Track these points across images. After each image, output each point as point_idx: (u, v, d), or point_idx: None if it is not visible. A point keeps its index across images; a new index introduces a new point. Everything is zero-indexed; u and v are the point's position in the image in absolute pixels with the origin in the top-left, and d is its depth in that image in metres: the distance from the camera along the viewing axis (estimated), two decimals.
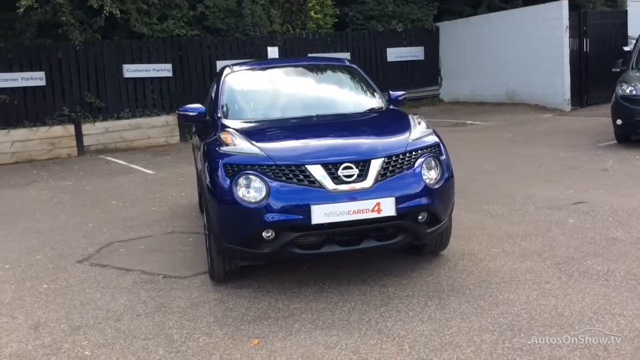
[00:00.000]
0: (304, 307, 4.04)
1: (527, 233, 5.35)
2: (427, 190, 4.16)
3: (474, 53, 18.68)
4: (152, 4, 15.78)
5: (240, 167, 4.10)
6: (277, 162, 4.05)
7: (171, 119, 15.66)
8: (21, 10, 12.36)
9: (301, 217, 3.92)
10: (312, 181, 3.99)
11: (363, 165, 4.06)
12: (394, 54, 19.67)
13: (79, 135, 14.39)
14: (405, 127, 4.53)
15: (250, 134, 4.49)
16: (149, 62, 15.90)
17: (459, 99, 19.79)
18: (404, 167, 4.17)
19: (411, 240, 4.32)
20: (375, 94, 5.49)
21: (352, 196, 3.97)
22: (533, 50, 16.41)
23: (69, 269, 5.22)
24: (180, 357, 3.44)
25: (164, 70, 16.03)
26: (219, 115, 5.11)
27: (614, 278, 4.17)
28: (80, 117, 14.77)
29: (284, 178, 4.01)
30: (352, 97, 5.56)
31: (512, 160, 9.20)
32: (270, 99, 5.45)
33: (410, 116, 4.78)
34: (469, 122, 15.16)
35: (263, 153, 4.13)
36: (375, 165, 4.07)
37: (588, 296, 3.90)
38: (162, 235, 6.17)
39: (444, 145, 4.57)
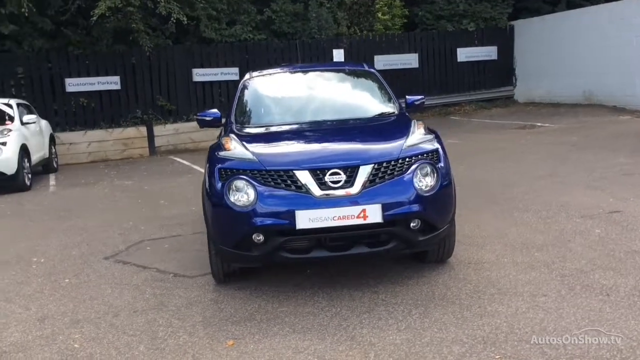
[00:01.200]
0: (291, 310, 4.10)
1: (546, 243, 5.13)
2: (418, 198, 4.09)
3: (550, 52, 17.98)
4: (221, 10, 16.29)
5: (233, 171, 4.21)
6: (267, 168, 4.13)
7: None
8: (94, 18, 13.14)
9: (287, 221, 3.97)
10: (300, 187, 4.03)
11: (351, 172, 4.06)
12: (465, 54, 19.27)
13: (150, 137, 15.12)
14: (403, 133, 4.47)
15: (250, 140, 4.59)
16: (217, 66, 16.43)
17: (534, 100, 19.11)
18: (395, 173, 4.13)
19: (404, 247, 4.26)
20: (389, 99, 5.45)
21: (338, 202, 3.98)
22: (612, 50, 15.61)
23: (94, 264, 5.53)
24: (157, 354, 3.58)
25: (231, 73, 16.50)
26: (231, 120, 5.26)
27: (617, 293, 3.94)
28: (152, 119, 15.49)
29: (272, 183, 4.08)
30: (364, 102, 5.54)
31: (566, 165, 8.79)
32: (281, 104, 5.54)
33: (413, 121, 4.71)
34: (538, 124, 14.59)
35: (255, 158, 4.22)
36: (364, 172, 4.06)
37: (581, 311, 3.71)
38: (190, 235, 6.39)
39: (444, 152, 4.48)
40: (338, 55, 17.70)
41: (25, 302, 4.63)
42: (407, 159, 4.20)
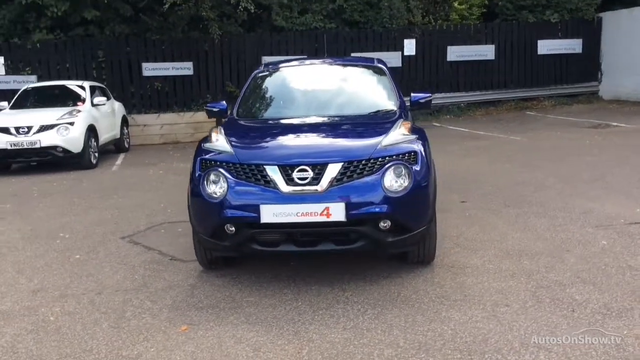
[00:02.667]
0: (256, 301, 4.22)
1: (542, 251, 4.95)
2: (386, 199, 4.08)
3: (639, 46, 16.88)
4: None
5: (211, 163, 4.38)
6: (241, 161, 4.26)
7: None
8: (166, 5, 13.73)
9: (254, 215, 4.09)
10: (268, 181, 4.13)
11: (320, 169, 4.10)
12: (546, 46, 18.43)
13: (218, 122, 15.61)
14: (384, 131, 4.45)
15: (235, 133, 4.74)
16: (287, 54, 16.65)
17: (620, 97, 18.02)
18: (365, 173, 4.13)
19: (373, 247, 4.26)
20: (392, 95, 5.41)
21: (303, 199, 4.05)
22: None
23: (109, 243, 5.89)
24: (115, 332, 3.82)
25: None
26: (233, 112, 5.43)
27: (583, 310, 3.76)
28: None
29: (244, 177, 4.21)
30: (362, 99, 5.52)
31: (619, 169, 8.28)
32: (281, 98, 5.65)
33: (398, 121, 4.67)
34: (613, 123, 13.79)
35: (232, 152, 4.36)
36: (332, 170, 4.09)
37: (534, 325, 3.59)
38: None
39: (425, 153, 4.41)
40: (409, 45, 17.49)
41: (31, 274, 5.04)
42: (379, 159, 4.19)
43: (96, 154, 11.69)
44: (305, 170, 4.10)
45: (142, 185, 9.24)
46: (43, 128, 10.87)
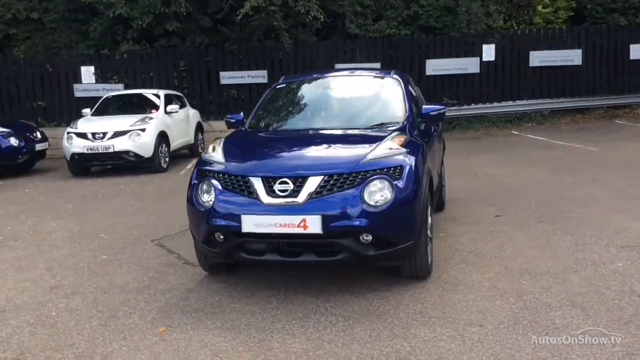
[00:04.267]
0: (240, 307, 4.34)
1: (547, 271, 4.73)
2: (365, 213, 4.07)
3: None
4: (368, 5, 16.57)
5: (206, 173, 4.57)
6: (229, 172, 4.42)
7: None
8: (239, 16, 14.25)
9: (236, 224, 4.23)
10: (251, 192, 4.26)
11: (301, 182, 4.17)
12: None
13: None
14: (370, 145, 4.44)
15: (234, 144, 4.90)
16: (359, 61, 16.75)
17: None
18: (345, 187, 4.14)
19: (355, 260, 4.27)
20: (400, 108, 5.35)
21: (282, 210, 4.13)
22: None
23: (138, 245, 6.25)
24: (101, 330, 4.06)
25: (373, 69, 16.71)
26: (246, 124, 5.61)
27: (556, 336, 3.57)
28: None
29: (231, 188, 4.36)
30: (368, 111, 5.49)
31: None
32: (289, 112, 5.75)
33: (390, 135, 4.63)
34: None
35: (224, 163, 4.53)
36: (312, 183, 4.15)
37: (497, 347, 3.45)
38: None
39: (414, 167, 4.34)
40: (488, 50, 17.05)
41: (57, 272, 5.45)
42: (361, 173, 4.19)
43: (167, 159, 12.33)
44: (286, 183, 4.18)
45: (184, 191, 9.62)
46: (117, 134, 11.62)
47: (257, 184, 4.24)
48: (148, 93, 13.45)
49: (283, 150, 4.76)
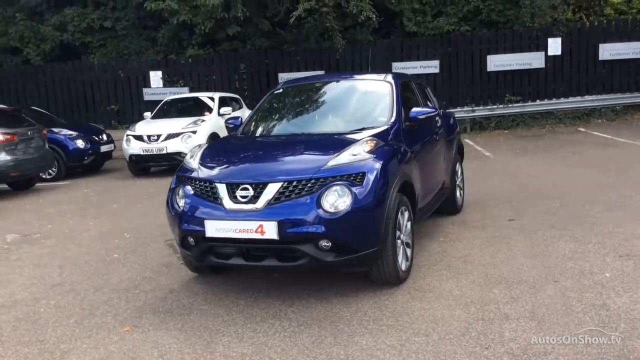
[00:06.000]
0: (207, 309, 4.47)
1: (526, 280, 4.55)
2: (322, 219, 4.10)
3: None
4: (427, 2, 16.32)
5: (182, 178, 4.76)
6: (199, 178, 4.58)
7: None
8: (292, 19, 14.46)
9: (201, 229, 4.38)
10: (216, 198, 4.39)
11: (261, 188, 4.25)
12: None
13: None
14: (336, 151, 4.45)
15: (214, 150, 5.04)
16: (417, 59, 16.54)
17: None
18: (304, 193, 4.18)
19: (317, 266, 4.30)
20: (386, 112, 5.30)
21: (242, 216, 4.24)
22: None
23: (151, 245, 6.54)
24: (75, 327, 4.30)
25: (431, 67, 16.48)
26: (240, 129, 5.75)
27: (499, 349, 3.46)
28: None
29: (200, 193, 4.51)
30: (352, 116, 5.45)
31: None
32: (277, 117, 5.82)
33: (360, 140, 4.61)
34: None
35: (197, 169, 4.69)
36: (271, 189, 4.22)
37: (431, 358, 3.42)
38: None
39: (379, 174, 4.30)
40: (554, 44, 16.33)
41: (66, 270, 5.81)
42: (320, 180, 4.21)
43: None
44: (247, 189, 4.28)
45: None
46: (170, 136, 12.16)
47: (222, 189, 4.37)
48: (203, 96, 13.93)
49: (252, 157, 4.85)
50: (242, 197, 4.28)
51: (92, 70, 17.49)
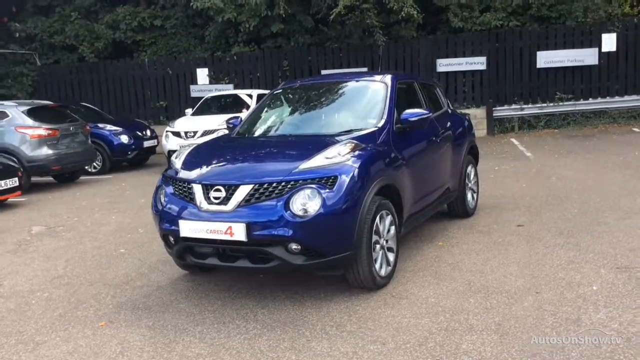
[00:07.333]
0: (183, 307, 4.51)
1: (508, 290, 4.37)
2: (290, 222, 4.07)
3: None
4: None
5: (167, 178, 4.83)
6: (179, 179, 4.63)
7: (479, 112, 15.78)
8: (332, 16, 14.41)
9: (177, 228, 4.44)
10: (192, 199, 4.44)
11: (233, 190, 4.26)
12: None
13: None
14: (310, 154, 4.39)
15: (201, 151, 5.08)
16: (463, 55, 16.15)
17: None
18: (274, 195, 4.17)
19: (287, 268, 4.28)
20: (377, 114, 5.19)
21: (213, 217, 4.26)
22: None
23: (157, 241, 6.46)
24: (54, 321, 4.40)
25: (477, 63, 16.07)
26: (235, 129, 5.78)
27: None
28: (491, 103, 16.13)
29: (178, 193, 4.57)
30: (341, 118, 5.35)
31: None
32: (269, 119, 5.79)
33: (340, 143, 4.54)
34: None
35: (178, 169, 4.75)
36: (242, 191, 4.22)
37: None
38: None
39: (352, 177, 4.23)
40: (608, 40, 15.60)
41: (70, 264, 6.00)
42: (291, 182, 4.18)
43: None
44: (219, 190, 4.30)
45: None
46: (205, 133, 12.35)
47: (197, 190, 4.41)
48: (242, 93, 14.09)
49: (230, 158, 4.84)
50: (215, 198, 4.30)
51: (142, 67, 18.00)
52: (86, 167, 12.98)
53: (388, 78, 5.63)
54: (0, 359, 3.82)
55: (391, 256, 4.75)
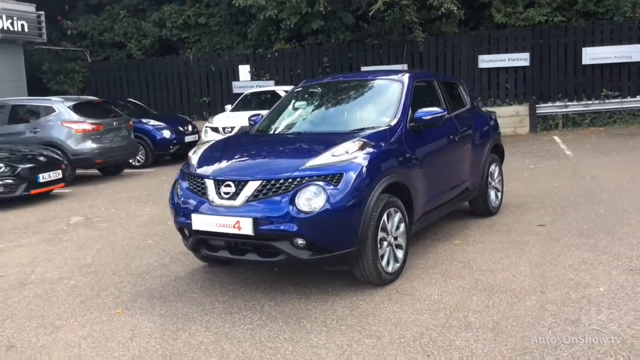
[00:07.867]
0: (196, 297, 4.68)
1: (512, 290, 4.37)
2: (295, 218, 4.18)
3: None
4: None
5: (184, 173, 5.03)
6: (194, 174, 4.82)
7: (522, 109, 15.56)
8: (371, 12, 14.44)
9: (189, 222, 4.62)
10: (205, 193, 4.61)
11: (242, 185, 4.41)
12: None
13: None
14: (319, 152, 4.50)
15: (218, 147, 5.25)
16: (506, 51, 15.91)
17: None
18: (280, 191, 4.29)
19: (294, 263, 4.40)
20: (391, 112, 5.23)
21: (222, 211, 4.42)
22: None
23: None
24: (75, 306, 4.65)
25: (520, 59, 15.81)
26: (255, 126, 5.93)
27: (441, 357, 3.42)
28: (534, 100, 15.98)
29: (192, 188, 4.75)
30: (355, 116, 5.42)
31: None
32: (287, 116, 5.89)
33: (350, 141, 4.61)
34: None
35: (194, 165, 4.93)
36: (250, 187, 4.36)
37: None
38: None
39: (358, 175, 4.31)
40: None
41: (100, 253, 6.28)
42: (297, 179, 4.30)
43: None
44: (230, 186, 4.46)
45: None
46: (242, 128, 12.60)
47: (210, 185, 4.57)
48: (279, 90, 14.28)
49: (244, 154, 4.97)
50: (225, 193, 4.46)
51: (187, 64, 18.43)
52: (130, 161, 13.42)
53: (405, 77, 5.66)
54: (19, 340, 4.07)
55: (400, 253, 4.81)
